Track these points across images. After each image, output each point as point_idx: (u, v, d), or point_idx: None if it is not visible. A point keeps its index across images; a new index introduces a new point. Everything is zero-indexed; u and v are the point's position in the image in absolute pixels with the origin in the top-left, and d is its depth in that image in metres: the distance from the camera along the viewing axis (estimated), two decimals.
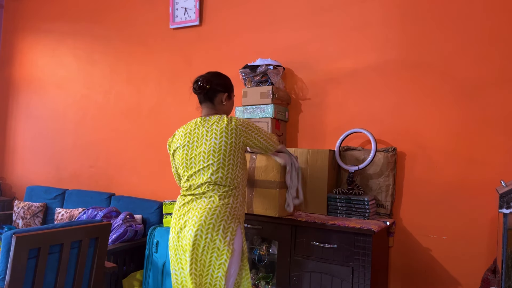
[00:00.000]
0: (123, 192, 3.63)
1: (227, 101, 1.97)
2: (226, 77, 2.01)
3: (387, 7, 2.56)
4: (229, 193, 1.78)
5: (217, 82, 1.93)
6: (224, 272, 1.69)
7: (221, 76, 1.99)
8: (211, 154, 1.77)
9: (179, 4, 3.38)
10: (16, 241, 1.71)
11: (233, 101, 2.04)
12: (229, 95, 1.98)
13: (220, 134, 1.78)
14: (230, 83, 2.00)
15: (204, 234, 1.69)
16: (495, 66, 2.26)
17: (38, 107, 4.31)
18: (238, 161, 1.81)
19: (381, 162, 2.40)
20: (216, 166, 1.76)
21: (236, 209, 1.79)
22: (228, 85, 1.98)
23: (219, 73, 2.00)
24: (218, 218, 1.71)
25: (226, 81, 1.98)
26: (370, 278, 1.96)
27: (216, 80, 1.94)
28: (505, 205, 1.59)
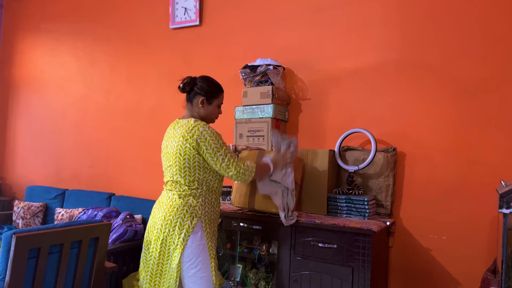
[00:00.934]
0: (123, 192, 3.63)
1: (205, 105, 1.98)
2: (212, 83, 2.00)
3: (387, 7, 2.56)
4: (188, 193, 1.91)
5: (199, 85, 1.98)
6: (176, 264, 1.84)
7: (207, 80, 2.00)
8: (171, 156, 1.93)
9: (179, 4, 3.38)
10: (16, 241, 1.71)
11: (217, 108, 2.03)
12: (208, 99, 1.98)
13: (179, 138, 1.89)
14: (213, 89, 1.99)
15: (163, 228, 1.89)
16: (495, 66, 2.26)
17: (38, 107, 4.31)
18: (196, 165, 1.88)
19: (381, 162, 2.40)
20: (175, 168, 1.92)
21: (195, 208, 1.89)
22: (208, 89, 1.98)
23: (207, 78, 2.02)
24: (176, 215, 1.88)
25: (208, 86, 1.98)
26: (370, 278, 1.96)
27: (200, 83, 1.98)
28: (505, 205, 1.59)
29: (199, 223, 1.90)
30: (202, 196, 1.93)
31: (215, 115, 2.05)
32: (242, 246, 2.49)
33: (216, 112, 2.05)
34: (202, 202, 1.92)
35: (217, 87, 2.02)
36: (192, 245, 1.86)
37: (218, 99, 2.02)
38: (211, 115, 2.03)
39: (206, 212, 1.93)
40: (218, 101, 2.03)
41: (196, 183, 1.91)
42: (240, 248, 2.48)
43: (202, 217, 1.91)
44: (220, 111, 2.07)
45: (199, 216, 1.90)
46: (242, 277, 2.49)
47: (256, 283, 2.40)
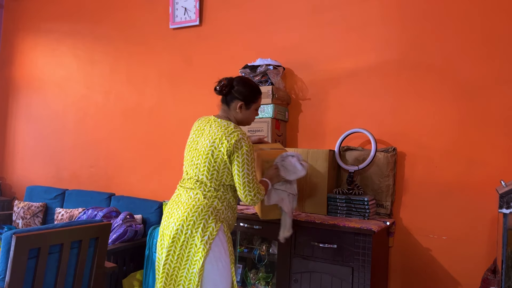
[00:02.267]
0: (123, 192, 3.62)
1: (243, 110, 1.91)
2: (251, 86, 1.92)
3: (387, 7, 2.56)
4: (213, 194, 1.82)
5: (237, 89, 1.88)
6: (198, 269, 1.72)
7: (246, 84, 1.91)
8: (202, 154, 1.84)
9: (179, 4, 3.38)
10: (16, 241, 1.71)
11: (254, 112, 1.96)
12: (247, 105, 1.91)
13: (214, 139, 1.81)
14: (252, 93, 1.91)
15: (185, 229, 1.76)
16: (495, 66, 2.26)
17: (38, 107, 4.31)
18: (226, 170, 1.82)
19: (381, 162, 2.40)
20: (203, 167, 1.83)
21: (219, 211, 1.81)
22: (248, 95, 1.90)
23: (245, 81, 1.93)
24: (200, 216, 1.76)
25: (248, 90, 1.90)
26: (370, 278, 1.96)
27: (238, 86, 1.89)
28: (505, 205, 1.59)
29: (221, 227, 1.80)
30: (227, 200, 1.86)
31: (252, 119, 1.99)
32: (242, 246, 2.49)
33: (254, 116, 1.98)
34: (226, 206, 1.85)
35: (255, 90, 1.94)
36: (215, 249, 1.75)
37: (257, 103, 1.95)
38: (248, 119, 1.97)
39: (228, 217, 1.86)
40: (257, 105, 1.95)
41: (222, 187, 1.85)
42: (240, 248, 2.48)
43: (224, 222, 1.83)
44: (257, 114, 2.01)
45: (222, 220, 1.82)
46: (242, 277, 2.49)
47: (256, 283, 2.40)
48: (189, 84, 3.35)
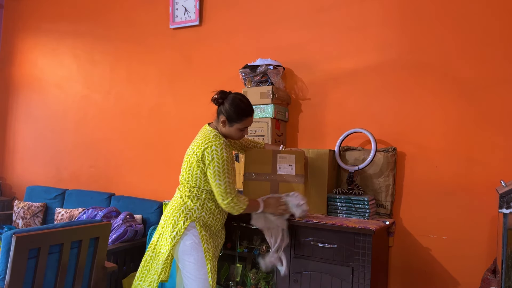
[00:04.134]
0: (123, 192, 3.63)
1: (226, 126, 1.98)
2: (238, 107, 1.95)
3: (387, 7, 2.56)
4: (187, 194, 1.98)
5: (225, 105, 1.96)
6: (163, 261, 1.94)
7: (234, 104, 1.95)
8: (185, 159, 2.02)
9: (179, 4, 3.38)
10: (16, 241, 1.71)
11: (238, 131, 2.00)
12: (230, 123, 1.97)
13: (195, 145, 1.96)
14: (236, 115, 1.95)
15: (163, 225, 2.01)
16: (495, 66, 2.26)
17: (38, 107, 4.31)
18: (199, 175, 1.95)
19: (381, 162, 2.40)
20: (184, 171, 2.02)
21: (192, 210, 1.96)
22: (232, 114, 1.94)
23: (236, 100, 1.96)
24: (172, 214, 1.98)
25: (232, 110, 1.94)
26: (370, 278, 1.96)
27: (226, 103, 1.96)
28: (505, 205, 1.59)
29: (192, 225, 1.95)
30: (201, 201, 1.98)
31: (236, 136, 2.03)
32: (242, 246, 2.50)
33: (238, 134, 2.02)
34: (200, 206, 1.98)
35: (241, 112, 1.96)
36: (185, 243, 1.94)
37: (240, 124, 1.98)
38: (231, 135, 2.03)
39: (202, 216, 1.98)
40: (240, 125, 1.98)
41: (196, 189, 1.98)
42: (240, 248, 2.48)
43: (196, 220, 1.96)
44: (244, 134, 2.04)
45: (193, 219, 1.96)
46: (242, 277, 2.49)
47: (256, 283, 2.40)
48: (189, 84, 3.35)
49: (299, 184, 2.10)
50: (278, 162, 2.12)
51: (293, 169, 2.10)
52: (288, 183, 2.12)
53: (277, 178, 2.14)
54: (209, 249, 1.96)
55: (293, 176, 2.11)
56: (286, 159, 2.10)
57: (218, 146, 1.90)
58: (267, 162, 2.16)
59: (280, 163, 2.12)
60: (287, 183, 2.12)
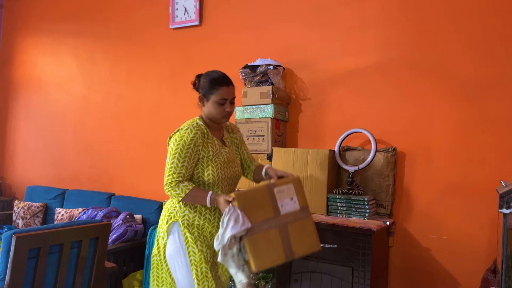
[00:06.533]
0: (123, 192, 3.62)
1: (205, 103, 1.83)
2: (209, 76, 1.82)
3: (387, 7, 2.56)
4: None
5: (198, 81, 1.86)
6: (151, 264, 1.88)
7: (205, 74, 1.85)
8: None
9: (179, 4, 3.38)
10: (16, 241, 1.71)
11: (216, 105, 1.78)
12: (205, 96, 1.81)
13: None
14: (209, 84, 1.79)
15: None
16: (495, 66, 2.26)
17: (38, 107, 4.31)
18: None
19: (381, 162, 2.40)
20: None
21: (174, 211, 1.82)
22: (204, 86, 1.81)
23: (208, 72, 1.86)
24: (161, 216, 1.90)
25: (204, 80, 1.82)
26: (370, 278, 1.96)
27: (199, 79, 1.86)
28: (505, 205, 1.59)
29: (176, 226, 1.79)
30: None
31: (215, 113, 1.80)
32: None
33: (217, 110, 1.79)
34: (182, 205, 1.80)
35: (213, 81, 1.79)
36: (170, 247, 1.80)
37: (216, 95, 1.77)
38: (210, 113, 1.82)
39: (186, 215, 1.79)
40: (216, 97, 1.77)
41: None
42: None
43: (180, 220, 1.79)
44: (224, 109, 1.79)
45: (176, 219, 1.80)
46: None
47: (256, 283, 2.40)
48: (189, 84, 3.30)
49: (307, 219, 1.73)
50: (278, 199, 1.69)
51: (296, 202, 1.72)
52: (297, 221, 1.71)
53: (284, 221, 1.67)
54: (196, 252, 1.75)
55: (298, 212, 1.71)
56: (285, 193, 1.71)
57: (182, 131, 1.77)
58: (265, 204, 1.66)
59: (281, 200, 1.69)
60: (296, 222, 1.71)
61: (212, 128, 1.88)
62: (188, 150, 1.74)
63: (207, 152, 1.79)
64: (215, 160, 1.80)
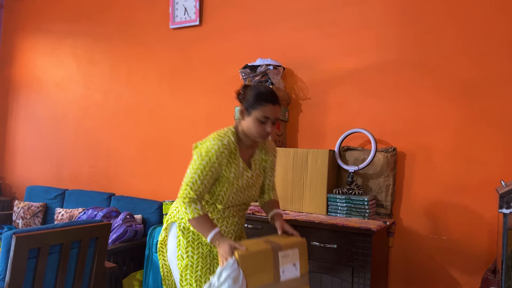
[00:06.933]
0: (123, 192, 3.62)
1: (245, 117, 1.68)
2: (257, 90, 1.67)
3: (387, 7, 2.56)
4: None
5: (244, 92, 1.70)
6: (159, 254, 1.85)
7: (253, 87, 1.70)
8: None
9: (179, 4, 3.38)
10: (16, 241, 1.71)
11: (257, 122, 1.64)
12: (247, 110, 1.66)
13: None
14: (254, 97, 1.65)
15: None
16: (495, 66, 2.26)
17: (38, 107, 4.31)
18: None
19: (381, 162, 2.40)
20: None
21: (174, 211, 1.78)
22: (249, 98, 1.66)
23: (256, 85, 1.77)
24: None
25: (250, 93, 1.67)
26: (370, 278, 1.96)
27: (248, 90, 1.69)
28: (505, 205, 1.58)
29: (174, 226, 1.75)
30: None
31: (255, 131, 1.65)
32: None
33: (258, 128, 1.64)
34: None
35: (260, 96, 1.64)
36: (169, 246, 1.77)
37: (259, 111, 1.62)
38: (249, 129, 1.67)
39: (184, 218, 1.71)
40: (258, 113, 1.63)
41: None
42: None
43: (177, 221, 1.74)
44: (264, 128, 1.65)
45: (175, 220, 1.75)
46: None
47: None
48: (189, 84, 3.35)
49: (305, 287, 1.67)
50: (281, 264, 1.61)
51: (297, 269, 1.65)
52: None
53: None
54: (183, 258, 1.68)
55: (298, 280, 1.64)
56: (289, 258, 1.64)
57: (208, 142, 1.64)
58: (267, 269, 1.57)
59: (283, 265, 1.62)
60: None
61: (244, 145, 1.74)
62: (211, 169, 1.63)
63: (228, 173, 1.66)
64: (233, 183, 1.68)
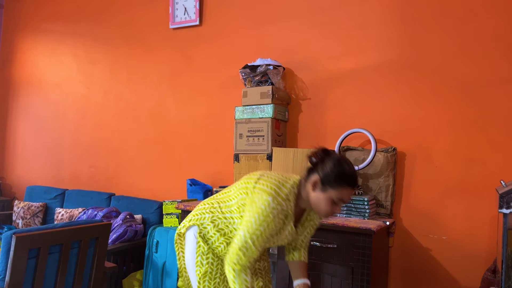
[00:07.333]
0: (123, 192, 3.63)
1: (317, 189, 1.48)
2: (344, 168, 1.46)
3: (387, 7, 2.56)
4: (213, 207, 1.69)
5: (326, 165, 1.48)
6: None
7: (340, 164, 1.47)
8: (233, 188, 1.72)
9: (179, 4, 3.38)
10: (16, 241, 1.71)
11: (329, 201, 1.47)
12: (323, 185, 1.46)
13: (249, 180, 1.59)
14: (338, 177, 1.45)
15: None
16: (495, 66, 2.26)
17: (38, 107, 4.31)
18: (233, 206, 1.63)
19: (381, 162, 2.40)
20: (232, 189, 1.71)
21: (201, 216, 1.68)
22: (331, 175, 1.45)
23: (344, 160, 1.50)
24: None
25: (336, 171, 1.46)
26: (370, 278, 1.96)
27: (329, 161, 1.48)
28: (505, 205, 1.58)
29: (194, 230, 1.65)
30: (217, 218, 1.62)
31: (324, 209, 1.49)
32: None
33: (327, 207, 1.48)
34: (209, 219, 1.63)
35: (344, 177, 1.45)
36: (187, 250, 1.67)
37: (337, 192, 1.45)
38: (317, 205, 1.49)
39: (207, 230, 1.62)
40: (336, 194, 1.45)
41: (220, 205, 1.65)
42: None
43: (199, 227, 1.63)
44: (333, 209, 1.49)
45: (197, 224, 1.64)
46: None
47: None
48: (189, 84, 3.35)
49: None
50: None
51: None
52: None
53: None
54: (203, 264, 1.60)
55: None
56: None
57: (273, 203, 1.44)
58: None
59: None
60: None
61: (299, 208, 1.58)
62: (267, 235, 1.47)
63: (274, 231, 1.51)
64: (270, 239, 1.54)
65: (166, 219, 2.86)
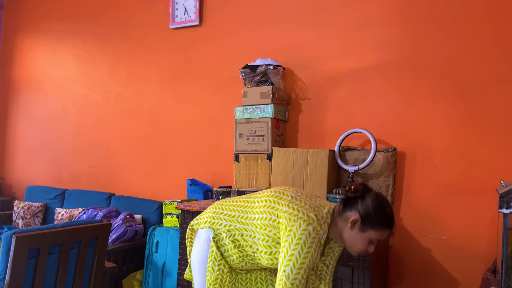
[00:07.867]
0: (123, 192, 3.63)
1: (356, 229, 1.46)
2: (383, 210, 1.45)
3: (387, 7, 2.56)
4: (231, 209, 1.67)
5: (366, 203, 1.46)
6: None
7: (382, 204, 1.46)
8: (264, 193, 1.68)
9: (179, 4, 3.38)
10: (16, 241, 1.71)
11: (366, 241, 1.46)
12: (363, 224, 1.44)
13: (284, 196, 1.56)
14: (378, 218, 1.44)
15: None
16: (495, 66, 2.26)
17: (38, 107, 4.31)
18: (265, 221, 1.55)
19: (381, 162, 2.40)
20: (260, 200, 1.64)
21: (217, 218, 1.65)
22: (373, 216, 1.43)
23: (384, 200, 1.49)
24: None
25: (378, 212, 1.44)
26: (370, 278, 1.96)
27: (370, 199, 1.46)
28: (505, 205, 1.58)
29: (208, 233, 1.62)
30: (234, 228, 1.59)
31: (358, 247, 1.48)
32: None
33: (362, 245, 1.47)
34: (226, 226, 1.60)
35: (384, 219, 1.45)
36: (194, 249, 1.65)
37: (376, 233, 1.45)
38: (353, 243, 1.48)
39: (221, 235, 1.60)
40: (375, 235, 1.45)
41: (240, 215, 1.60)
42: None
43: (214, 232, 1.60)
44: (368, 248, 1.48)
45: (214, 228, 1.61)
46: None
47: None
48: (189, 84, 3.35)
49: None
50: None
51: None
52: None
53: None
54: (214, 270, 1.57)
55: None
56: None
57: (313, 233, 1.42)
58: None
59: None
60: None
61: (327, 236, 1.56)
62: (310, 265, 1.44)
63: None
64: None
65: (166, 219, 2.86)
